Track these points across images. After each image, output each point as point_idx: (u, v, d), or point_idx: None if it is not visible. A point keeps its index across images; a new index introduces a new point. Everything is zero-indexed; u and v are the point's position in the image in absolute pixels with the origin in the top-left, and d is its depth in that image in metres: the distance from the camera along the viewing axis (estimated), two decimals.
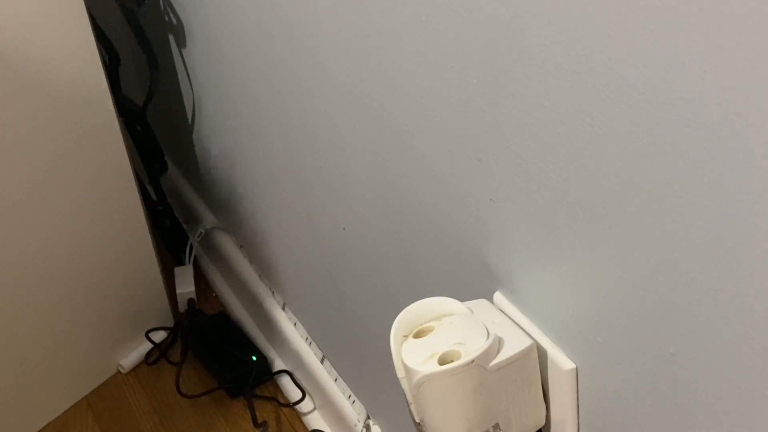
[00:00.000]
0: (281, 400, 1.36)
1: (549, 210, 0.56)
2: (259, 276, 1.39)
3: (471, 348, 0.59)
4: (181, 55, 1.27)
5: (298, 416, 1.35)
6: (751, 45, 0.37)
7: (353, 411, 1.18)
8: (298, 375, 1.35)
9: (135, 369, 1.45)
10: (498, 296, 0.66)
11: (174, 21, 1.22)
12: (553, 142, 0.52)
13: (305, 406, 1.34)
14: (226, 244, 1.48)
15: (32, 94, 1.11)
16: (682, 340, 0.48)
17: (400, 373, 0.62)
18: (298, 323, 1.30)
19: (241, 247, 1.45)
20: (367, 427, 1.15)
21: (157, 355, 1.46)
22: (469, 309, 0.64)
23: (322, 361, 1.25)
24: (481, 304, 0.65)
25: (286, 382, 1.38)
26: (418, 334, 0.63)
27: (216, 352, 1.42)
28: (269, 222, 1.25)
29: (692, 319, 0.47)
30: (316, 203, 1.01)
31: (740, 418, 0.46)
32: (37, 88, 1.11)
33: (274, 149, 1.07)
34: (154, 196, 1.51)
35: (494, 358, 0.59)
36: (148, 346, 1.45)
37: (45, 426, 1.37)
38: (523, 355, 0.61)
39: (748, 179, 0.40)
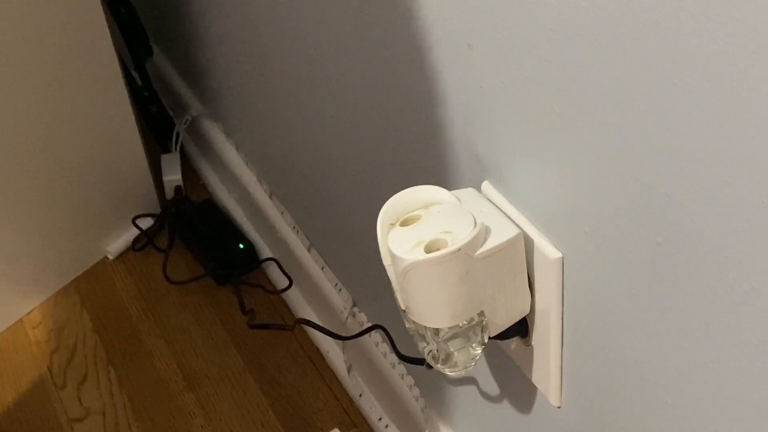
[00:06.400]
0: (268, 288, 1.37)
1: (540, 98, 0.55)
2: (246, 164, 1.39)
3: (458, 236, 0.59)
4: None
5: (285, 303, 1.36)
6: None
7: (339, 299, 1.19)
8: (285, 263, 1.36)
9: (122, 255, 1.46)
10: (486, 185, 0.66)
11: None
12: (547, 27, 0.51)
13: (292, 293, 1.35)
14: (213, 131, 1.47)
15: None
16: (669, 229, 0.48)
17: (387, 261, 0.62)
18: (285, 212, 1.30)
19: (228, 134, 1.44)
20: (353, 315, 1.16)
21: (144, 241, 1.46)
22: (457, 198, 0.63)
23: (309, 250, 1.26)
24: (468, 193, 0.65)
25: (273, 269, 1.39)
26: (404, 223, 0.63)
27: (203, 240, 1.42)
28: (257, 110, 1.23)
29: (681, 209, 0.47)
30: (303, 90, 1.00)
31: (725, 308, 0.47)
32: None
33: (262, 37, 1.05)
34: (139, 82, 1.49)
35: (481, 246, 0.59)
36: (135, 232, 1.46)
37: (32, 309, 1.38)
38: (510, 244, 0.61)
39: (745, 67, 0.39)
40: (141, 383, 1.29)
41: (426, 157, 0.76)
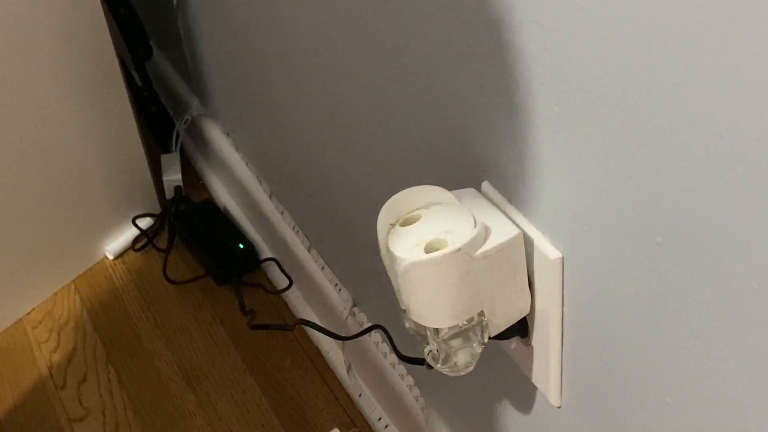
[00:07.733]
0: (268, 288, 1.37)
1: (540, 98, 0.55)
2: (246, 164, 1.39)
3: (458, 236, 0.59)
4: None
5: (285, 303, 1.36)
6: None
7: (339, 299, 1.19)
8: (284, 263, 1.36)
9: (122, 255, 1.46)
10: (486, 185, 0.66)
11: None
12: (546, 26, 0.51)
13: (292, 293, 1.35)
14: (213, 131, 1.47)
15: None
16: (669, 229, 0.48)
17: (387, 261, 0.62)
18: (285, 212, 1.30)
19: (228, 134, 1.44)
20: (353, 315, 1.16)
21: (144, 241, 1.46)
22: (457, 198, 0.63)
23: (308, 249, 1.26)
24: (468, 193, 0.65)
25: (273, 269, 1.39)
26: (405, 222, 0.63)
27: (203, 240, 1.42)
28: (257, 110, 1.23)
29: (681, 209, 0.47)
30: (303, 90, 1.00)
31: (725, 308, 0.47)
32: None
33: (262, 37, 1.05)
34: (139, 82, 1.49)
35: (481, 246, 0.59)
36: (135, 232, 1.45)
37: (32, 309, 1.38)
38: (510, 244, 0.61)
39: (746, 67, 0.39)
40: (141, 383, 1.29)
41: (426, 157, 0.76)
